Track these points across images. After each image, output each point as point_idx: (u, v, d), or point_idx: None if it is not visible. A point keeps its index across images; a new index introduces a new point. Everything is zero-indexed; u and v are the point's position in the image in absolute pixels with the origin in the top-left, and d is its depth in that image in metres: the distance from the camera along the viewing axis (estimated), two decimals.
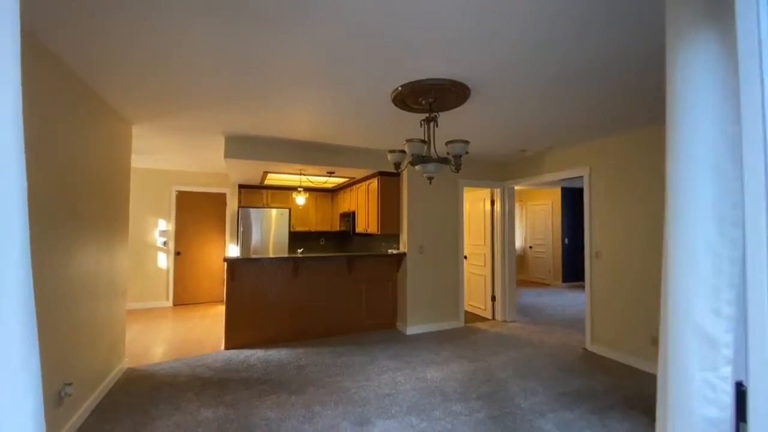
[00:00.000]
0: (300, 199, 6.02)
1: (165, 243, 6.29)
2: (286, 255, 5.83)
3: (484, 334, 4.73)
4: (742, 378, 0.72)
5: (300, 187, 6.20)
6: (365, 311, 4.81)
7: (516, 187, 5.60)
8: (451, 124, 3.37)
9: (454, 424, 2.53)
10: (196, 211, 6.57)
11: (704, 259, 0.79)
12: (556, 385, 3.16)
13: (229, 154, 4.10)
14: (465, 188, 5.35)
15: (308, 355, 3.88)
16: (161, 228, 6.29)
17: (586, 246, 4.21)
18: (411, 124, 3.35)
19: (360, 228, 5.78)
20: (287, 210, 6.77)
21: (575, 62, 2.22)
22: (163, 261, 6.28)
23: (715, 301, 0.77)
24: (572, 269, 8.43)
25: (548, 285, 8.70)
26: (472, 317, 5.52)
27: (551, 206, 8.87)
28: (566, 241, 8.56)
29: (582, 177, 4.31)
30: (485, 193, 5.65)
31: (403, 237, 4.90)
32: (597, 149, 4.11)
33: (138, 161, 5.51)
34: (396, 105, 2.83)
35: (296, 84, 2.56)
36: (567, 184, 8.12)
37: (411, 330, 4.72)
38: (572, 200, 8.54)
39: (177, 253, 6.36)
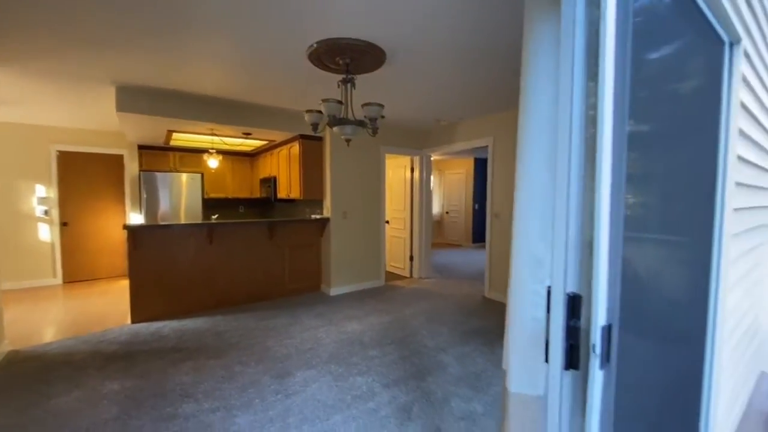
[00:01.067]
0: (212, 162, 5.59)
1: (46, 212, 5.37)
2: (202, 222, 5.46)
3: (401, 290, 5.14)
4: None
5: (212, 149, 5.73)
6: (289, 276, 4.84)
7: (434, 156, 5.97)
8: (369, 88, 3.42)
9: (369, 365, 2.81)
10: (85, 175, 5.67)
11: (539, 201, 1.03)
12: (457, 326, 3.66)
13: (121, 107, 3.59)
14: (387, 155, 5.53)
15: (228, 322, 3.82)
16: (40, 195, 5.33)
17: (487, 208, 4.76)
18: (329, 85, 3.31)
19: (282, 194, 5.64)
20: (199, 175, 6.24)
21: (482, 36, 2.42)
22: (46, 233, 5.39)
23: (542, 231, 1.02)
24: (481, 231, 9.43)
25: (461, 246, 9.63)
26: (392, 276, 5.93)
27: (465, 175, 9.64)
28: (476, 206, 9.47)
29: (487, 147, 4.78)
30: (406, 160, 5.91)
31: (327, 202, 4.95)
32: (499, 121, 4.57)
33: (3, 114, 4.50)
34: (313, 63, 2.78)
35: (197, 26, 2.33)
36: (479, 155, 8.87)
37: (335, 291, 4.91)
38: (483, 169, 9.39)
39: (63, 224, 5.50)
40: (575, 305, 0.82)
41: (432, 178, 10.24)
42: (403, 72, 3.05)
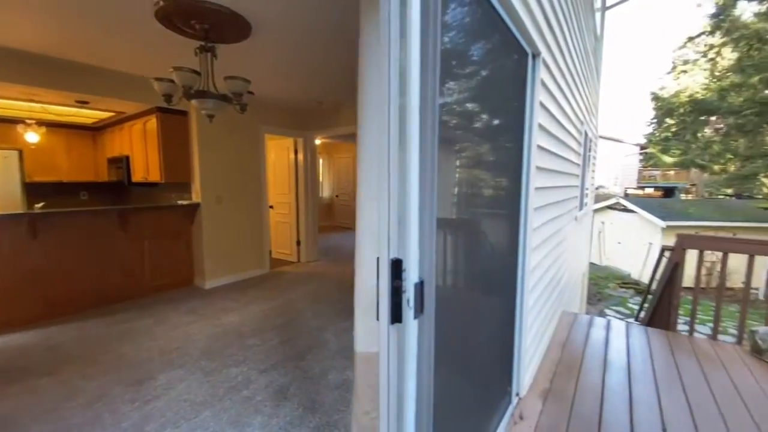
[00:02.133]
0: (31, 136, 4.41)
1: None
2: (20, 212, 4.28)
3: (288, 275, 5.04)
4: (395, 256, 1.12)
5: (30, 119, 4.49)
6: (151, 272, 4.22)
7: (320, 139, 5.90)
8: (236, 61, 3.15)
9: (246, 355, 2.72)
10: None
11: (374, 183, 1.13)
12: (339, 304, 3.81)
13: None
14: (268, 136, 5.23)
15: (66, 332, 3.16)
16: None
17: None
18: (187, 52, 2.93)
19: (138, 176, 4.82)
20: (15, 152, 4.85)
21: (353, 19, 2.45)
22: None
23: (378, 208, 1.13)
24: None
25: (351, 228, 9.91)
26: (278, 263, 5.75)
27: (353, 159, 9.85)
28: None
29: None
30: (289, 142, 5.70)
31: (196, 186, 4.44)
32: None
33: None
34: (162, 23, 2.40)
35: None
36: None
37: (211, 284, 4.51)
38: None
39: None
40: (397, 268, 0.95)
41: (321, 161, 10.14)
42: (273, 48, 2.90)
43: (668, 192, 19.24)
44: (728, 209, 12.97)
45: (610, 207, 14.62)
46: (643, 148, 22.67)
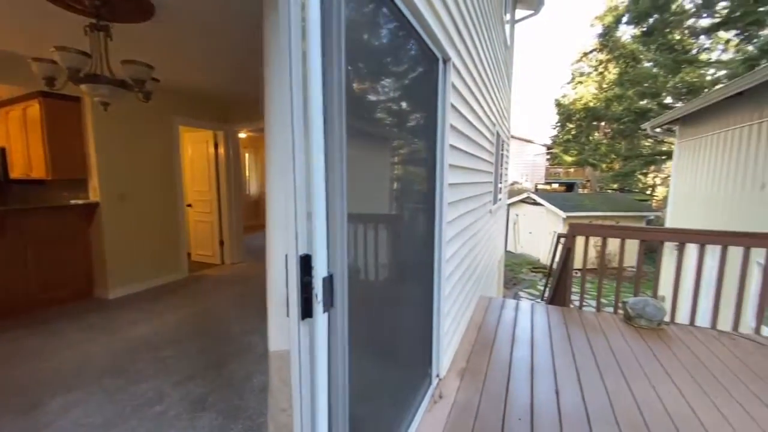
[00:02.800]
0: None
1: None
2: None
3: (209, 279, 4.70)
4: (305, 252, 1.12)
5: None
6: (38, 283, 3.60)
7: (247, 133, 5.57)
8: (139, 45, 2.83)
9: (159, 368, 2.49)
10: None
11: (282, 176, 1.13)
12: (266, 307, 3.67)
13: None
14: (184, 128, 4.79)
15: None
16: None
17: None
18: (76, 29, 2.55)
19: (17, 172, 4.07)
20: None
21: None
22: None
23: (286, 203, 1.13)
24: None
25: None
26: (199, 266, 5.32)
27: None
28: None
29: None
30: (208, 135, 5.29)
31: (94, 182, 3.89)
32: None
33: None
34: None
35: None
36: None
37: (116, 293, 4.01)
38: None
39: None
40: (306, 264, 0.97)
41: (246, 156, 9.58)
42: (182, 32, 2.66)
43: (569, 187, 22.05)
44: (614, 201, 15.34)
45: (522, 201, 16.28)
46: (549, 148, 25.59)
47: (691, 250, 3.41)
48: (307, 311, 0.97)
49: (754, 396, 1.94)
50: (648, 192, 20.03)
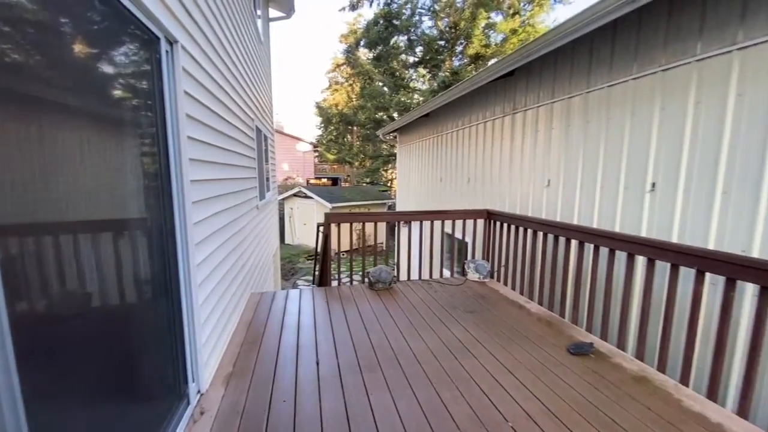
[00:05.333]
0: None
1: None
2: None
3: None
4: None
5: None
6: None
7: None
8: None
9: None
10: None
11: None
12: None
13: None
14: None
15: None
16: None
17: None
18: None
19: None
20: None
21: None
22: None
23: None
24: None
25: None
26: None
27: None
28: None
29: None
30: None
31: None
32: None
33: None
34: None
35: None
36: None
37: None
38: None
39: None
40: None
41: None
42: None
43: (335, 181, 25.02)
44: (366, 192, 18.65)
45: (295, 195, 17.13)
46: (315, 146, 27.99)
47: (413, 226, 4.65)
48: None
49: (440, 321, 2.89)
50: (389, 184, 25.54)
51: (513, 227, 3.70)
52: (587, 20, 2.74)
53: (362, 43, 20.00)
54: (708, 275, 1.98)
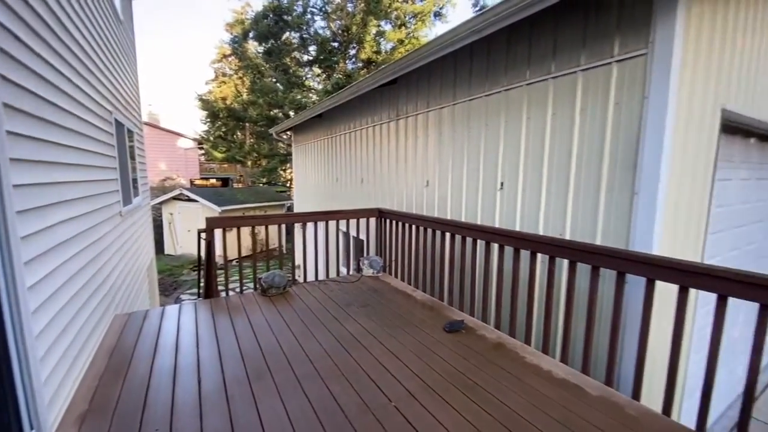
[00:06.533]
0: None
1: None
2: None
3: None
4: None
5: None
6: None
7: None
8: None
9: None
10: None
11: None
12: None
13: None
14: None
15: None
16: None
17: None
18: None
19: None
20: None
21: None
22: None
23: None
24: None
25: None
26: None
27: None
28: None
29: None
30: None
31: None
32: None
33: None
34: None
35: None
36: None
37: None
38: None
39: None
40: None
41: None
42: None
43: (225, 182, 22.91)
44: (262, 194, 17.62)
45: (176, 198, 15.12)
46: (200, 143, 25.15)
47: (312, 227, 4.56)
48: None
49: (335, 319, 2.96)
50: (288, 185, 24.60)
51: (401, 224, 4.01)
52: (445, 43, 3.15)
53: (251, 35, 18.76)
54: (539, 255, 2.51)
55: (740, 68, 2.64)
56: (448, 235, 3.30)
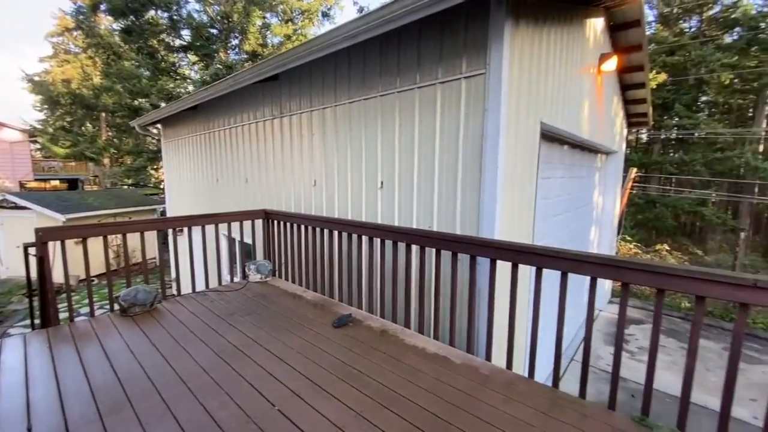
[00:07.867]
0: None
1: None
2: None
3: None
4: None
5: None
6: None
7: None
8: None
9: None
10: None
11: None
12: None
13: None
14: None
15: None
16: None
17: None
18: None
19: None
20: None
21: None
22: None
23: None
24: None
25: None
26: None
27: None
28: None
29: None
30: None
31: None
32: None
33: None
34: None
35: None
36: None
37: None
38: None
39: None
40: None
41: None
42: None
43: (72, 184, 18.64)
44: (125, 198, 14.90)
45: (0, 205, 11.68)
46: (33, 135, 19.90)
47: (192, 233, 4.01)
48: None
49: (214, 332, 2.74)
50: (161, 186, 21.33)
51: (289, 224, 3.92)
52: (322, 45, 3.20)
53: (103, 8, 15.62)
54: (413, 247, 2.79)
55: (552, 90, 3.39)
56: (336, 233, 3.37)
